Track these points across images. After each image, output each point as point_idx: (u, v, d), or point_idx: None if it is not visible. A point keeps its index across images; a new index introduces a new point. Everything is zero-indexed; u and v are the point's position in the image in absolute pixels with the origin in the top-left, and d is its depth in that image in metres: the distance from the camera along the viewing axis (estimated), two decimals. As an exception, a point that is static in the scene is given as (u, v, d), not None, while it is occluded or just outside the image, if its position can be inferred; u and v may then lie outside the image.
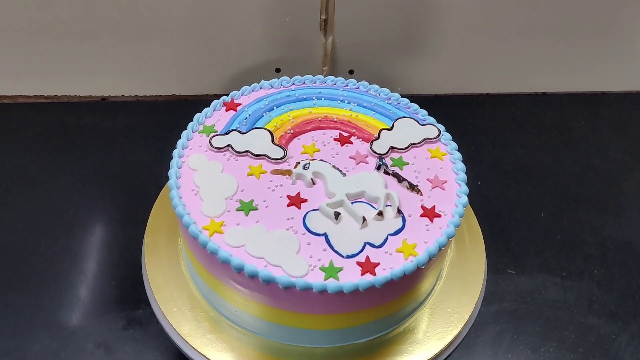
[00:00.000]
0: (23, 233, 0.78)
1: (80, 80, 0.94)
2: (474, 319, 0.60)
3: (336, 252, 0.51)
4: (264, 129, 0.60)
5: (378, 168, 0.58)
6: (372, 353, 0.56)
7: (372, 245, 0.52)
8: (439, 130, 0.62)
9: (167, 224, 0.64)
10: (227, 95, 0.96)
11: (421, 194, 0.56)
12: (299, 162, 0.57)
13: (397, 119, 0.62)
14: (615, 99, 1.02)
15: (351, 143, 0.60)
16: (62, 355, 0.67)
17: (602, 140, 0.95)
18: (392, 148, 0.60)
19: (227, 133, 0.60)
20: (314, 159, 0.58)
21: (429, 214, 0.54)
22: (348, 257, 0.51)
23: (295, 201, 0.55)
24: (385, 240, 0.52)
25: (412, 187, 0.56)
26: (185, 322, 0.57)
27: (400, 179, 0.57)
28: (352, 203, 0.55)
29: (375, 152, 0.59)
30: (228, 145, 0.59)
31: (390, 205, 0.55)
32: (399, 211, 0.54)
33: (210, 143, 0.59)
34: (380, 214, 0.54)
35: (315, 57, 0.94)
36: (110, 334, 0.68)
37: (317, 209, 0.54)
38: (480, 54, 0.96)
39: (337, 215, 0.53)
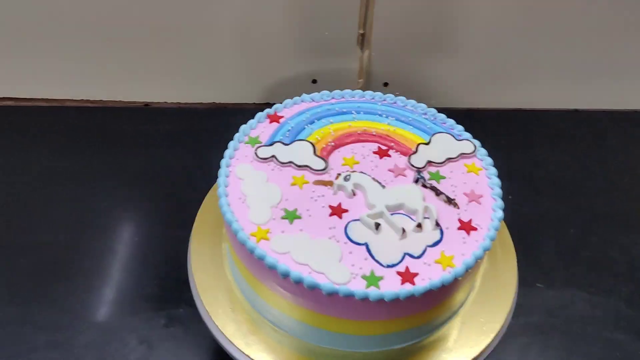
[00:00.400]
0: (69, 232, 0.81)
1: (125, 86, 0.98)
2: (505, 330, 0.61)
3: (377, 261, 0.53)
4: (306, 141, 0.63)
5: (416, 181, 0.60)
6: (406, 359, 0.58)
7: (412, 256, 0.54)
8: (475, 145, 0.64)
9: (211, 229, 0.66)
10: (265, 104, 1.00)
11: (458, 208, 0.58)
12: (339, 174, 0.60)
13: (434, 134, 0.64)
14: (648, 118, 1.03)
15: (389, 156, 0.62)
16: (106, 350, 0.70)
17: (633, 158, 0.96)
18: (429, 162, 0.62)
19: (271, 144, 0.62)
20: (354, 171, 0.60)
21: (466, 227, 0.56)
22: (388, 266, 0.53)
23: (337, 211, 0.57)
24: (424, 251, 0.54)
25: (450, 201, 0.58)
26: (230, 324, 0.59)
27: (437, 192, 0.59)
28: (392, 215, 0.57)
29: (413, 166, 0.61)
30: (272, 156, 0.61)
31: (428, 218, 0.57)
32: (437, 224, 0.56)
33: (255, 154, 0.61)
34: (419, 226, 0.56)
35: (351, 69, 0.96)
36: (152, 331, 0.71)
37: (358, 219, 0.56)
38: (514, 69, 0.97)
39: (377, 226, 0.55)
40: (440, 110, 0.69)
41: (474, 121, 0.97)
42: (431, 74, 0.98)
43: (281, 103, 0.68)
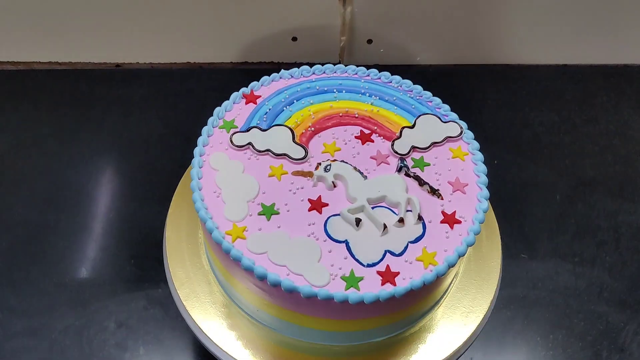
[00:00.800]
0: (41, 207, 0.79)
1: (95, 47, 0.93)
2: (488, 318, 0.61)
3: (357, 260, 0.51)
4: (285, 126, 0.60)
5: (399, 170, 0.57)
6: (389, 350, 0.58)
7: (392, 254, 0.52)
8: (462, 127, 0.61)
9: (187, 214, 0.64)
10: (242, 63, 0.95)
11: (442, 199, 0.56)
12: (319, 163, 0.57)
13: (419, 116, 0.61)
14: (637, 72, 1.00)
15: (372, 141, 0.59)
16: (85, 334, 0.69)
17: (622, 118, 0.94)
18: (413, 148, 0.59)
19: (247, 130, 0.59)
20: (335, 160, 0.58)
21: (449, 220, 0.54)
22: (368, 265, 0.51)
23: (317, 205, 0.54)
24: (406, 248, 0.52)
25: (433, 192, 0.56)
26: (207, 318, 0.58)
27: (421, 182, 0.56)
28: (373, 208, 0.55)
29: (396, 152, 0.59)
30: (249, 144, 0.58)
31: (410, 211, 0.55)
32: (420, 217, 0.54)
33: (230, 141, 0.58)
34: (401, 220, 0.54)
35: (333, 26, 0.92)
36: (131, 314, 0.70)
37: (338, 214, 0.54)
38: (500, 24, 0.94)
39: (358, 221, 0.53)
40: (425, 67, 0.66)
41: (460, 77, 0.95)
42: (416, 30, 0.94)
43: (258, 65, 0.64)
